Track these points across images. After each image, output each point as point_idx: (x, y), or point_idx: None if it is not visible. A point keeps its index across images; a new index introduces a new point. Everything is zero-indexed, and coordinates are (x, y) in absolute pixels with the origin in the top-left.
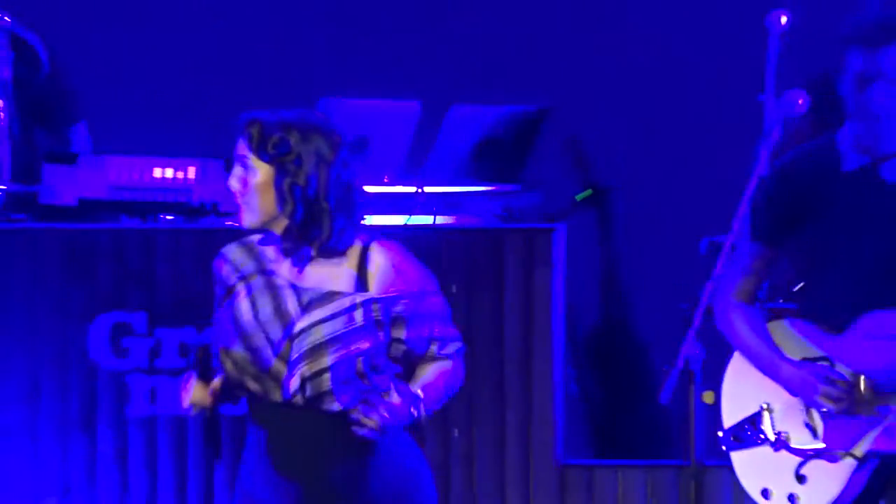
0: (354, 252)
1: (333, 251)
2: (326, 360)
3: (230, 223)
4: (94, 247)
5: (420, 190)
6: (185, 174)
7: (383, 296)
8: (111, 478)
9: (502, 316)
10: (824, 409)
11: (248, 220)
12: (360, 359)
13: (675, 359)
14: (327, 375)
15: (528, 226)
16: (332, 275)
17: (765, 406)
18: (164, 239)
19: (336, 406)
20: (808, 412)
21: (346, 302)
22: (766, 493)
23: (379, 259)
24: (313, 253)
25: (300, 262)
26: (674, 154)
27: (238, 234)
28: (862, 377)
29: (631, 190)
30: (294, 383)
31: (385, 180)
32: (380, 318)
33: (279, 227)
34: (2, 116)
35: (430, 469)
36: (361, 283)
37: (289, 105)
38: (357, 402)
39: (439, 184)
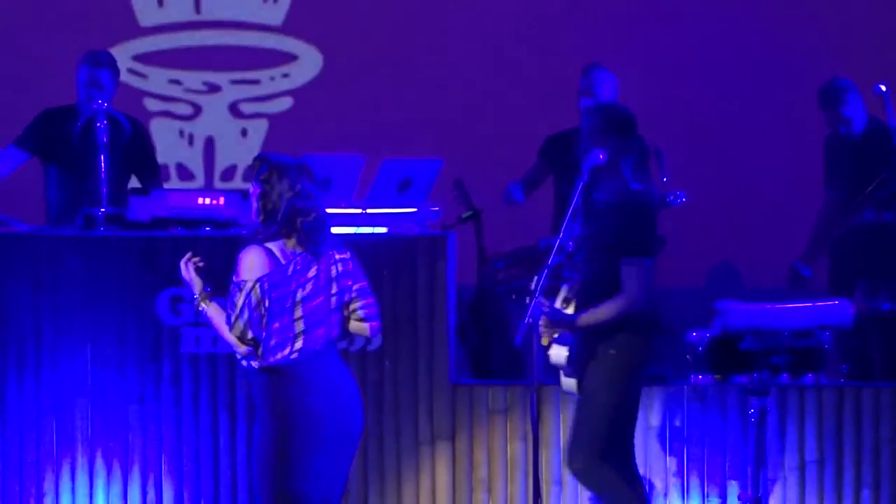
0: None
1: None
2: None
3: (245, 232)
4: (160, 247)
5: (364, 210)
6: (217, 201)
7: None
8: (169, 393)
9: (416, 290)
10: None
11: (253, 218)
12: None
13: (525, 316)
14: None
15: (431, 233)
16: None
17: None
18: (204, 242)
19: None
20: None
21: None
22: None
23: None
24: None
25: None
26: None
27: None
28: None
29: (495, 211)
30: None
31: (341, 205)
32: None
33: None
34: (102, 166)
35: (357, 389)
36: None
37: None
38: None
39: (376, 207)
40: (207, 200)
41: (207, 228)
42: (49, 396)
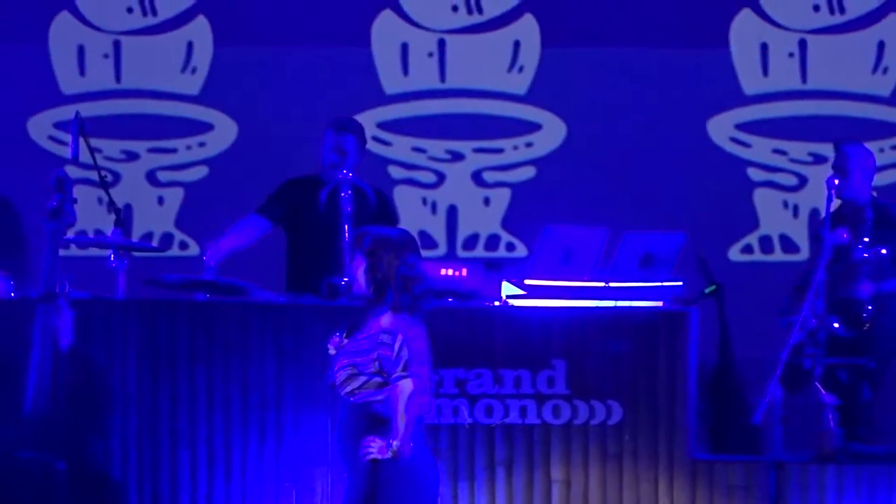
0: None
1: None
2: None
3: (490, 304)
4: None
5: (606, 284)
6: (460, 272)
7: None
8: None
9: (657, 365)
10: None
11: (356, 287)
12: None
13: (765, 394)
14: None
15: (673, 308)
16: None
17: None
18: (444, 313)
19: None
20: None
21: None
22: None
23: None
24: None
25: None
26: (755, 264)
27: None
28: None
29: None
30: None
31: (584, 278)
32: None
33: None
34: (346, 235)
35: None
36: None
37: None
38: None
39: (618, 281)
40: (450, 271)
41: (450, 300)
42: (289, 463)
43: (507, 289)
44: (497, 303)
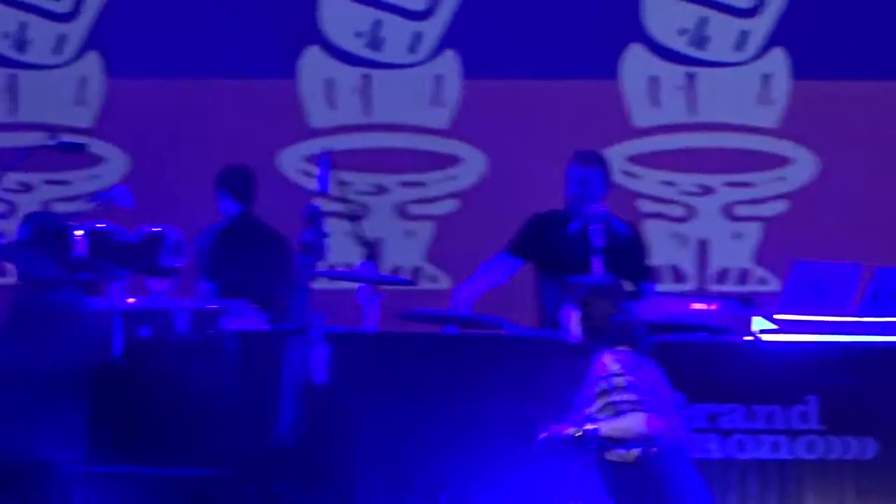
0: None
1: None
2: None
3: (741, 339)
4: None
5: (860, 319)
6: (711, 307)
7: None
8: None
9: None
10: None
11: (567, 337)
12: None
13: None
14: None
15: None
16: None
17: None
18: (694, 348)
19: None
20: None
21: None
22: None
23: None
24: None
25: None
26: None
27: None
28: None
29: None
30: None
31: (838, 313)
32: None
33: None
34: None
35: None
36: None
37: None
38: None
39: (872, 315)
40: (702, 305)
41: (701, 334)
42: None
43: (759, 323)
44: (749, 338)
